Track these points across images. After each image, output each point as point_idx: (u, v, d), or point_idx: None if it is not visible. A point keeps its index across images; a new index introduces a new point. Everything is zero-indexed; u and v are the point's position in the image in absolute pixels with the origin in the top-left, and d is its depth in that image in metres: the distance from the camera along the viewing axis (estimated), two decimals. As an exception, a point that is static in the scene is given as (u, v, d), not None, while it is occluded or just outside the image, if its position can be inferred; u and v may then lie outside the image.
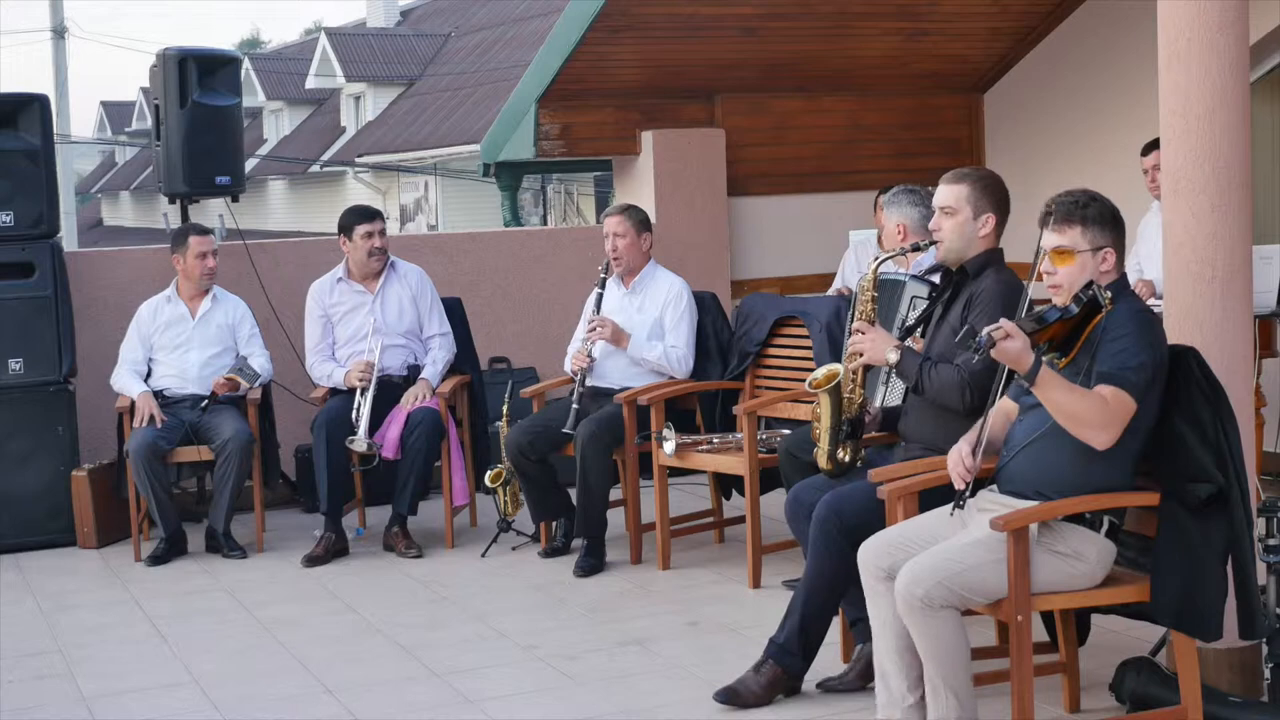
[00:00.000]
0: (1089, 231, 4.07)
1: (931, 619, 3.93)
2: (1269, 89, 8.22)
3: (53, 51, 22.90)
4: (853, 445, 4.76)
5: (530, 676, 5.07)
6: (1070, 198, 4.12)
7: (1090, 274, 4.05)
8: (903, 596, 3.95)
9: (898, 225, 6.00)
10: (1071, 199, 4.12)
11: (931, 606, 3.92)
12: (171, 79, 7.55)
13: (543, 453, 6.46)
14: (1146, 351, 3.96)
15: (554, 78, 8.39)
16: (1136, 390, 3.93)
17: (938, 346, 4.62)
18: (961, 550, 3.98)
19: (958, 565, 3.95)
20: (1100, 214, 4.10)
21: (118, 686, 5.13)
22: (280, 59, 36.99)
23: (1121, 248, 4.14)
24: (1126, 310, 4.02)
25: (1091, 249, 4.06)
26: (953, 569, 3.94)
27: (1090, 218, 4.08)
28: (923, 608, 3.92)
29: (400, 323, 7.01)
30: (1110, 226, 4.11)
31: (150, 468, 6.67)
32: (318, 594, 6.21)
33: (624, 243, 6.59)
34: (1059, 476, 4.04)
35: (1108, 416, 3.91)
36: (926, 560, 3.97)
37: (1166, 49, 4.48)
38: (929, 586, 3.91)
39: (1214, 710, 4.17)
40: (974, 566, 3.94)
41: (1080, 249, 4.06)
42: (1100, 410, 3.90)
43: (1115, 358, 3.95)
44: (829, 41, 8.73)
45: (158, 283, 7.31)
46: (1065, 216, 4.09)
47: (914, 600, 3.93)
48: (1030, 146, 9.10)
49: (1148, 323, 4.03)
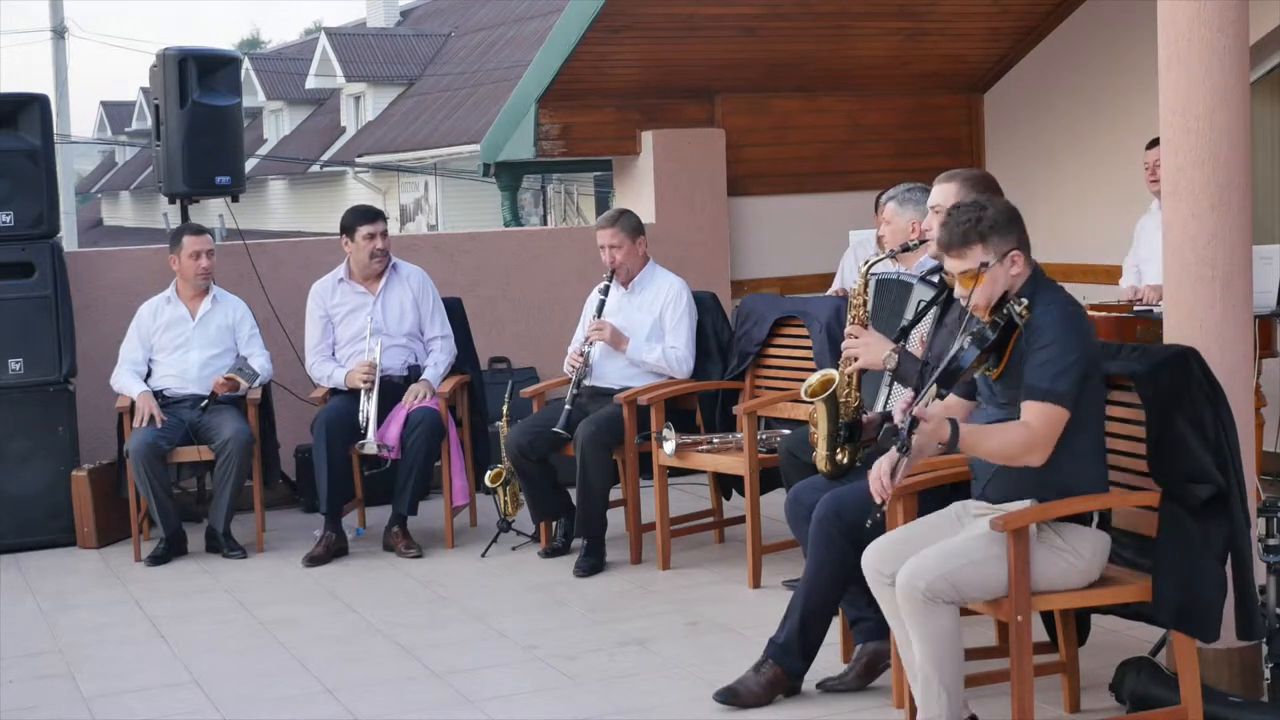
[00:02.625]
0: (990, 244, 4.00)
1: (932, 614, 3.93)
2: (1269, 89, 8.22)
3: (53, 51, 22.91)
4: (851, 448, 4.75)
5: (530, 676, 5.07)
6: (962, 218, 4.04)
7: (1003, 283, 4.02)
8: (904, 590, 3.95)
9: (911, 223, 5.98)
10: (964, 219, 4.03)
11: (934, 601, 3.92)
12: (171, 79, 7.55)
13: (543, 453, 6.46)
14: (1073, 352, 3.93)
15: (554, 78, 8.39)
16: (1067, 399, 3.92)
17: (937, 349, 4.62)
18: (964, 546, 3.99)
19: (960, 560, 3.95)
20: (996, 220, 4.03)
21: (118, 686, 5.13)
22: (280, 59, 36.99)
23: (1026, 243, 4.07)
24: (1046, 314, 3.98)
25: (998, 259, 4.01)
26: (955, 563, 3.94)
27: (986, 230, 4.01)
28: (925, 601, 3.92)
29: (401, 324, 7.01)
30: (1009, 227, 4.04)
31: (150, 468, 6.67)
32: (318, 594, 6.21)
33: (620, 253, 6.59)
34: (1043, 481, 4.02)
35: (1034, 440, 3.93)
36: (930, 554, 3.97)
37: (1166, 49, 4.49)
38: (931, 579, 3.92)
39: (1214, 710, 4.17)
40: (977, 562, 3.95)
41: (985, 265, 4.00)
42: (1025, 440, 3.93)
43: (1041, 370, 3.93)
44: (829, 41, 8.73)
45: (158, 283, 7.31)
46: (963, 239, 4.02)
47: (916, 594, 3.93)
48: (1030, 146, 9.11)
49: (1069, 318, 3.99)
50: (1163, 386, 4.06)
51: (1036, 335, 3.96)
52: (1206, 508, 4.00)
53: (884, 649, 4.63)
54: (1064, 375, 3.92)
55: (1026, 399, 3.95)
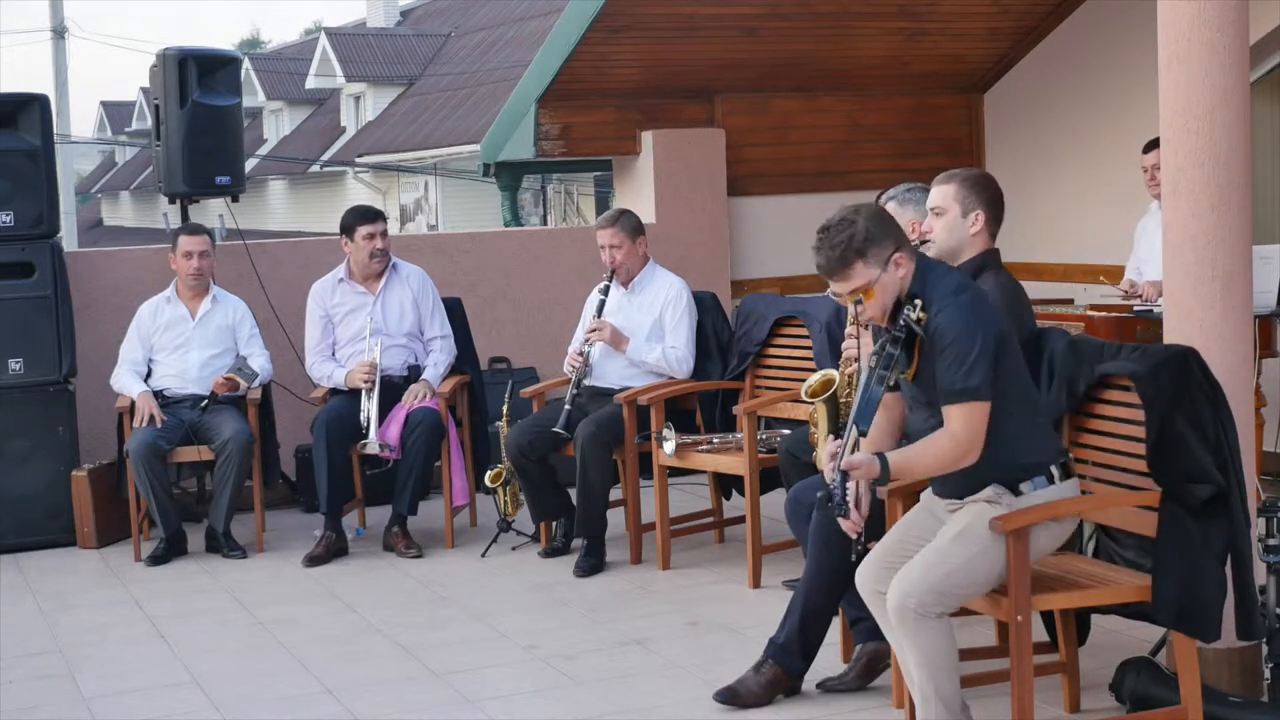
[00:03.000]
0: (870, 257, 3.94)
1: (924, 629, 3.92)
2: (1269, 89, 8.22)
3: (53, 51, 22.91)
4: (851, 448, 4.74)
5: (530, 676, 5.07)
6: (835, 239, 3.94)
7: (894, 289, 3.96)
8: (896, 609, 3.93)
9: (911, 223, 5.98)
10: (837, 241, 3.93)
11: (926, 616, 3.91)
12: (171, 79, 7.55)
13: (543, 453, 6.46)
14: (975, 343, 3.88)
15: (554, 78, 8.39)
16: (983, 391, 3.89)
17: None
18: (944, 551, 3.96)
19: (945, 566, 3.93)
20: (870, 231, 3.95)
21: (118, 686, 5.13)
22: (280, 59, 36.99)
23: (903, 238, 4.03)
24: (941, 314, 3.92)
25: (881, 268, 3.95)
26: (938, 574, 3.92)
27: (863, 245, 3.93)
28: (917, 618, 3.91)
29: (401, 324, 7.01)
30: (883, 233, 3.97)
31: (150, 468, 6.67)
32: (318, 594, 6.21)
33: (621, 253, 6.59)
34: (994, 468, 4.00)
35: (960, 444, 3.91)
36: (915, 568, 3.95)
37: (1166, 49, 4.48)
38: (921, 594, 3.90)
39: (1214, 710, 4.17)
40: (961, 565, 3.93)
41: (872, 280, 3.95)
42: (952, 448, 3.91)
43: (948, 372, 3.90)
44: (829, 41, 8.73)
45: (158, 283, 7.31)
46: (841, 261, 3.93)
47: (907, 612, 3.91)
48: (1030, 146, 9.10)
49: (964, 309, 3.93)
50: (1163, 386, 4.05)
51: (938, 338, 3.92)
52: (1206, 508, 4.00)
53: (884, 649, 4.63)
54: (974, 370, 3.88)
55: (944, 404, 3.92)
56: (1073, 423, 4.44)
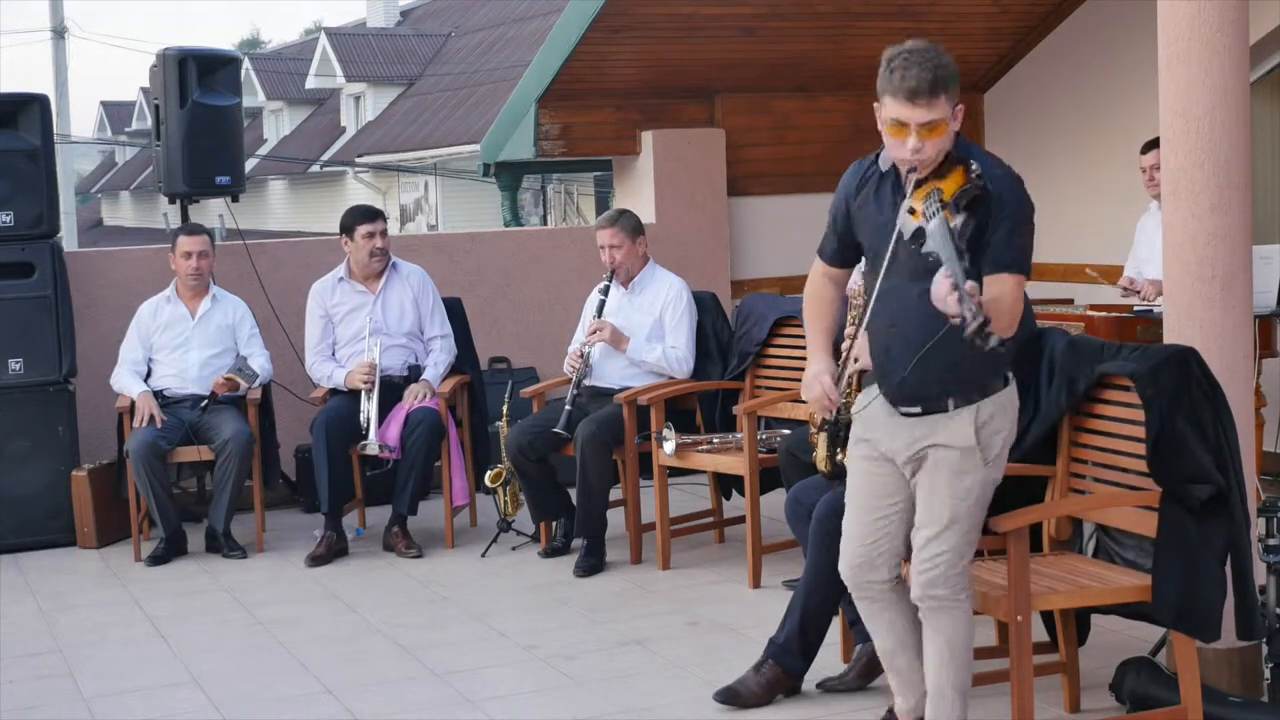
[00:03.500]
0: (950, 93, 3.68)
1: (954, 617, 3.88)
2: (1269, 89, 8.22)
3: (53, 51, 22.91)
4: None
5: (530, 676, 5.07)
6: (927, 61, 3.65)
7: (949, 140, 3.74)
8: (927, 605, 3.89)
9: None
10: (924, 66, 3.64)
11: (958, 598, 3.87)
12: (171, 79, 7.55)
13: (543, 453, 6.46)
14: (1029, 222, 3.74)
15: (554, 78, 8.39)
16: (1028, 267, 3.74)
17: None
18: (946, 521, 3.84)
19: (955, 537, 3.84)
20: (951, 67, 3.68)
21: (118, 686, 5.13)
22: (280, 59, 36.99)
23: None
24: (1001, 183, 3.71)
25: (951, 110, 3.70)
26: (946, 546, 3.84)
27: (950, 79, 3.67)
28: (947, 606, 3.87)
29: (401, 324, 7.01)
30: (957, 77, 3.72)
31: (150, 468, 6.67)
32: (318, 594, 6.21)
33: (620, 253, 6.60)
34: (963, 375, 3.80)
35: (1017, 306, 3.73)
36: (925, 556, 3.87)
37: (1166, 49, 4.49)
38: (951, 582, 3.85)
39: (1214, 710, 4.17)
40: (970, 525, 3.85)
41: (945, 116, 3.68)
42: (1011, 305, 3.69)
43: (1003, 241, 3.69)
44: (829, 41, 8.73)
45: (158, 283, 7.31)
46: (935, 84, 3.63)
47: (940, 603, 3.87)
48: (1030, 146, 9.10)
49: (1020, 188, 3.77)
50: (1163, 386, 4.06)
51: (995, 205, 3.71)
52: (1206, 508, 4.00)
53: (884, 649, 4.63)
54: (1026, 246, 3.75)
55: (993, 272, 3.70)
56: (1073, 423, 4.44)
